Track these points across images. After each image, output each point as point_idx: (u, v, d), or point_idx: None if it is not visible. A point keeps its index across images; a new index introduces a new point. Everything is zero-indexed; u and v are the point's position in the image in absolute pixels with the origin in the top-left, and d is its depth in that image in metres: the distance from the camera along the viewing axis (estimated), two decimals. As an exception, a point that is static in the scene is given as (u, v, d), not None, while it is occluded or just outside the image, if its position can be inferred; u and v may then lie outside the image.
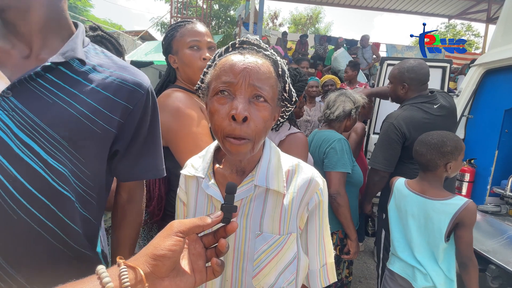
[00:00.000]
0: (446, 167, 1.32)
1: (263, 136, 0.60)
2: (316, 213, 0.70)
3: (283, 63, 0.66)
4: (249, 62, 0.59)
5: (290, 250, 0.66)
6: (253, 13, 6.76)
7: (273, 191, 0.65)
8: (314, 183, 0.68)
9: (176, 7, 10.49)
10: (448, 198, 1.29)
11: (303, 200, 0.67)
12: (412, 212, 1.38)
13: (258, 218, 0.65)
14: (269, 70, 0.61)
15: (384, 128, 1.78)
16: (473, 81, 2.40)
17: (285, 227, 0.65)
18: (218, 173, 0.68)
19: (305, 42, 8.48)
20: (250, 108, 0.58)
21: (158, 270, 0.40)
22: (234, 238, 0.65)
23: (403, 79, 1.81)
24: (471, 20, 11.66)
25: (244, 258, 0.64)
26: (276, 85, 0.63)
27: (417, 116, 1.71)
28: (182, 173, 0.75)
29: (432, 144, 1.35)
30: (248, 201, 0.65)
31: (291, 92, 0.67)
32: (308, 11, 23.93)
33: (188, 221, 0.45)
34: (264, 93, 0.58)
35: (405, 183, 1.46)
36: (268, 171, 0.66)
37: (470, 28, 20.84)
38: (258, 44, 0.65)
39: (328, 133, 1.77)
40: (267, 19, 22.03)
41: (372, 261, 3.03)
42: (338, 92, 1.86)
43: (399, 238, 1.43)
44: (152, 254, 0.41)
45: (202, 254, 0.48)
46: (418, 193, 1.38)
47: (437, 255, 1.29)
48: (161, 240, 0.42)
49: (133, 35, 10.66)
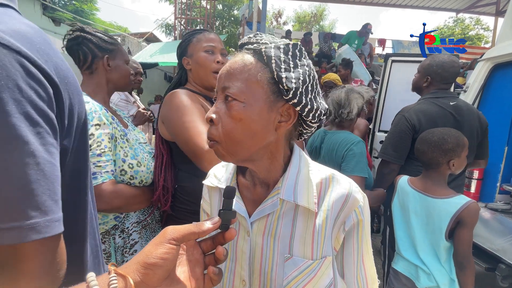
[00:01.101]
0: (449, 164, 1.30)
1: (238, 137, 0.54)
2: (354, 234, 0.59)
3: (276, 47, 0.54)
4: (225, 66, 0.57)
5: (326, 276, 0.58)
6: (257, 12, 6.74)
7: (304, 207, 0.57)
8: (352, 199, 0.58)
9: (180, 8, 10.55)
10: (450, 197, 1.26)
11: (338, 218, 0.58)
12: (414, 210, 1.36)
13: (287, 239, 0.58)
14: (244, 63, 0.55)
15: (396, 120, 1.77)
16: (481, 76, 2.34)
17: (319, 250, 0.57)
18: (242, 185, 0.63)
19: (309, 40, 8.42)
20: (222, 109, 0.55)
21: (148, 279, 0.38)
22: (260, 261, 0.59)
23: (429, 72, 1.77)
24: (480, 14, 11.38)
25: (272, 284, 0.57)
26: (258, 77, 0.54)
27: (430, 110, 1.67)
28: (204, 183, 0.70)
29: (432, 142, 1.32)
30: (276, 219, 0.58)
31: (281, 79, 0.53)
32: (312, 8, 23.78)
33: (183, 228, 0.42)
34: (230, 92, 0.53)
35: (408, 181, 1.44)
36: (297, 184, 0.58)
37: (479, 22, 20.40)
38: (247, 42, 0.60)
39: (344, 135, 1.66)
40: (271, 18, 21.96)
41: (379, 259, 2.99)
42: (345, 89, 1.73)
43: (403, 237, 1.41)
44: (143, 262, 0.39)
45: (200, 261, 0.46)
46: (420, 191, 1.36)
47: (439, 254, 1.27)
48: (153, 248, 0.40)
49: (138, 37, 10.78)
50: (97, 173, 0.96)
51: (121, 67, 1.16)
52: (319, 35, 9.74)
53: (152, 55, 7.19)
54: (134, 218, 1.11)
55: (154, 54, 7.17)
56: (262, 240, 0.59)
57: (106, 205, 0.97)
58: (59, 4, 14.24)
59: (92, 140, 0.97)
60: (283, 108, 0.56)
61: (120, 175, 1.04)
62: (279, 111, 0.56)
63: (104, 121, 1.01)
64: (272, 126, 0.56)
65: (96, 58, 1.10)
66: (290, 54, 0.55)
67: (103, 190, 0.95)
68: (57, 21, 7.80)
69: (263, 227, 0.59)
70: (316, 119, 0.59)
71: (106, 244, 1.06)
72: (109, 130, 1.02)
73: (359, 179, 1.53)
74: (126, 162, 1.06)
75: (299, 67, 0.55)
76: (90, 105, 1.00)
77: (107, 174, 0.98)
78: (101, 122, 1.00)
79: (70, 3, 15.17)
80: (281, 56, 0.54)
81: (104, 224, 1.05)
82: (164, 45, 7.92)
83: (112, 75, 1.14)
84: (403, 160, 1.71)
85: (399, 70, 2.93)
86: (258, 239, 0.59)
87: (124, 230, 1.09)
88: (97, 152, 0.97)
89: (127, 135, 1.12)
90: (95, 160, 0.96)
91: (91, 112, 0.99)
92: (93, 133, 0.97)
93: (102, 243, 1.05)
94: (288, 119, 0.57)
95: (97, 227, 0.63)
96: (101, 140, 0.99)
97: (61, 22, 7.96)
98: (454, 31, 22.81)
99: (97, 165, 0.96)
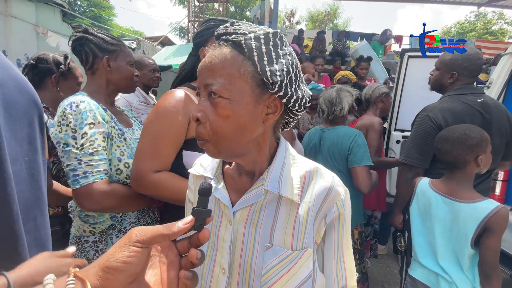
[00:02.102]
0: (477, 161, 1.20)
1: (228, 134, 0.53)
2: (335, 227, 0.60)
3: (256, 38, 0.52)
4: (204, 61, 0.54)
5: (304, 268, 0.57)
6: (268, 12, 6.72)
7: (287, 198, 0.58)
8: (334, 192, 0.59)
9: (193, 11, 10.70)
10: (478, 201, 1.16)
11: (320, 211, 0.59)
12: (436, 215, 1.25)
13: (268, 229, 0.58)
14: (224, 58, 0.52)
15: (419, 120, 1.63)
16: (505, 71, 2.20)
17: (299, 241, 0.58)
18: (228, 175, 0.63)
19: (322, 39, 8.30)
20: (207, 107, 0.53)
21: (109, 284, 0.36)
22: (240, 250, 0.59)
23: (454, 67, 1.63)
24: (502, 8, 10.85)
25: (251, 273, 0.58)
26: (240, 71, 0.52)
27: (457, 108, 1.54)
28: (190, 172, 0.70)
29: (455, 139, 1.22)
30: (258, 209, 0.59)
31: (265, 73, 0.52)
32: (326, 7, 23.49)
33: (151, 229, 0.39)
34: (214, 88, 0.51)
35: (429, 184, 1.33)
36: (282, 176, 0.58)
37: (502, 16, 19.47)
38: (225, 32, 0.56)
39: (344, 129, 1.76)
40: (284, 18, 21.87)
41: (396, 264, 2.88)
42: (336, 88, 1.85)
43: (421, 243, 1.32)
44: (103, 266, 0.36)
45: (175, 263, 0.42)
46: (444, 194, 1.25)
47: (463, 262, 1.18)
48: (116, 250, 0.37)
49: (153, 41, 11.02)
50: (88, 172, 0.94)
51: (122, 68, 1.13)
52: (333, 33, 9.60)
53: (166, 58, 7.32)
54: (132, 218, 1.09)
55: (168, 57, 7.30)
56: (244, 229, 0.59)
57: (96, 205, 0.95)
58: (79, 11, 14.81)
59: (85, 139, 0.95)
60: (269, 100, 0.56)
61: (116, 174, 1.03)
62: (265, 104, 0.55)
63: (98, 119, 0.99)
64: (260, 119, 0.55)
65: (97, 59, 1.09)
66: (271, 44, 0.54)
67: (94, 190, 0.93)
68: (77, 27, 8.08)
69: (245, 216, 0.59)
70: (302, 108, 0.59)
71: (103, 243, 1.04)
72: (104, 129, 1.00)
73: (368, 168, 1.66)
74: (122, 161, 1.04)
75: (282, 57, 0.54)
76: (85, 104, 0.99)
77: (99, 174, 0.96)
78: (95, 121, 0.98)
79: (89, 10, 15.74)
80: (262, 48, 0.53)
81: (100, 224, 1.04)
82: (178, 48, 8.05)
83: (112, 76, 1.12)
84: (429, 163, 1.58)
85: (416, 66, 2.80)
86: (240, 228, 0.59)
87: (121, 230, 1.07)
88: (89, 151, 0.95)
89: (124, 134, 1.10)
90: (86, 159, 0.94)
91: (85, 111, 0.98)
92: (86, 132, 0.96)
93: (100, 242, 1.04)
94: (275, 110, 0.57)
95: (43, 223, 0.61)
96: (95, 139, 0.97)
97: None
98: (476, 26, 21.87)
99: (89, 164, 0.95)
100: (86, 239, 1.05)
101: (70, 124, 0.96)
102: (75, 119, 0.96)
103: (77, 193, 0.95)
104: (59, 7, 7.78)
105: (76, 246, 1.05)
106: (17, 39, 6.69)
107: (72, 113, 0.96)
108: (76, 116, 0.96)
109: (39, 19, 7.19)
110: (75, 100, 0.99)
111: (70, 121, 0.96)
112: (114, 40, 1.14)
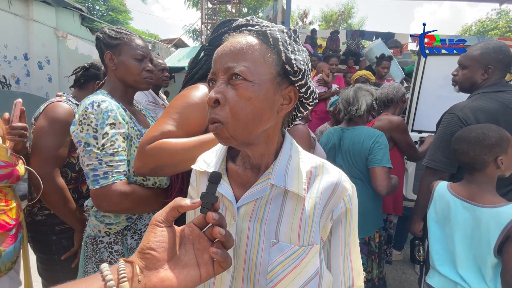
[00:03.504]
0: (497, 162, 1.12)
1: (246, 118, 0.52)
2: (342, 223, 0.59)
3: (280, 30, 0.56)
4: (226, 46, 0.55)
5: (311, 265, 0.56)
6: (281, 12, 6.69)
7: (293, 193, 0.57)
8: (341, 187, 0.58)
9: (207, 14, 10.82)
10: (501, 206, 1.09)
11: (326, 206, 0.58)
12: (456, 220, 1.18)
13: (274, 224, 0.57)
14: (249, 44, 0.54)
15: (446, 120, 1.48)
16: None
17: (306, 237, 0.56)
18: (232, 170, 0.62)
19: (336, 39, 8.18)
20: (227, 90, 0.52)
21: (149, 262, 0.42)
22: (245, 246, 0.57)
23: (488, 62, 1.48)
24: (528, 3, 10.31)
25: (256, 270, 0.56)
26: (264, 58, 0.54)
27: (490, 106, 1.39)
28: (193, 168, 0.69)
29: (472, 139, 1.16)
30: (263, 203, 0.58)
31: (290, 61, 0.54)
32: (340, 7, 23.19)
33: (164, 209, 0.46)
34: (238, 69, 0.51)
35: (448, 187, 1.25)
36: (288, 170, 0.58)
37: (527, 12, 18.58)
38: (245, 24, 0.58)
39: (366, 129, 1.74)
40: (297, 19, 21.75)
41: (412, 271, 2.77)
42: (354, 87, 1.85)
43: (439, 250, 1.25)
44: (140, 249, 0.43)
45: (208, 247, 0.47)
46: (464, 198, 1.18)
47: (485, 271, 1.10)
48: (146, 235, 0.44)
49: (167, 43, 11.23)
50: (108, 173, 0.93)
51: (126, 63, 1.08)
52: (347, 33, 9.45)
53: (179, 59, 7.44)
54: (147, 220, 1.08)
55: (181, 59, 7.42)
56: (249, 225, 0.58)
57: (114, 206, 0.94)
58: (97, 15, 15.28)
59: (106, 139, 0.94)
60: (285, 91, 0.57)
61: (134, 175, 1.02)
62: (282, 94, 0.56)
63: (119, 120, 0.98)
64: (276, 109, 0.56)
65: (104, 56, 1.09)
66: (292, 38, 0.57)
67: (113, 191, 0.92)
68: (94, 31, 8.33)
69: (250, 211, 0.58)
70: (313, 101, 0.62)
71: (118, 244, 1.04)
72: (124, 130, 1.00)
73: (387, 170, 1.63)
74: None
75: (301, 51, 0.57)
76: (107, 104, 0.98)
77: (119, 175, 0.95)
78: (116, 121, 0.97)
79: (106, 14, 16.22)
80: (286, 39, 0.55)
81: (116, 225, 1.04)
82: (191, 49, 8.17)
83: (118, 72, 1.09)
84: (455, 168, 1.44)
85: (435, 64, 2.70)
86: (245, 224, 0.58)
87: (136, 232, 1.07)
88: (110, 151, 0.94)
89: (143, 135, 1.09)
90: (107, 160, 0.94)
91: (107, 111, 0.97)
92: (107, 132, 0.95)
93: (115, 243, 1.04)
94: (289, 102, 0.58)
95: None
96: (115, 139, 0.96)
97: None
98: (498, 24, 20.99)
99: (109, 165, 0.94)
100: (101, 239, 1.04)
101: (91, 124, 0.95)
102: (96, 119, 0.95)
103: (96, 194, 0.94)
104: (78, 11, 8.05)
105: (90, 246, 1.05)
106: (38, 42, 6.97)
107: (93, 113, 0.95)
108: (98, 116, 0.95)
109: (59, 23, 7.47)
110: (97, 99, 0.98)
111: (91, 121, 0.95)
112: (117, 33, 1.09)
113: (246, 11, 16.11)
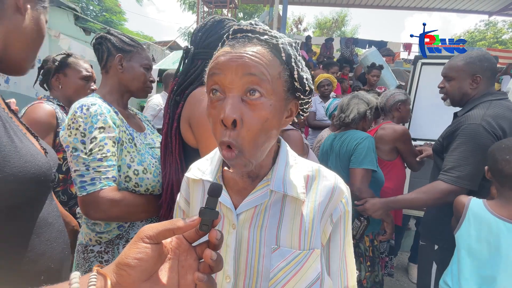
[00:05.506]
0: None
1: (262, 141, 0.50)
2: (340, 226, 0.60)
3: (290, 44, 0.54)
4: (238, 55, 0.48)
5: (313, 269, 0.56)
6: (277, 19, 6.74)
7: (291, 198, 0.57)
8: (338, 190, 0.59)
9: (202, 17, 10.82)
10: None
11: (326, 210, 0.58)
12: (497, 243, 1.08)
13: (274, 230, 0.56)
14: (265, 57, 0.49)
15: (470, 132, 1.33)
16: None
17: (307, 241, 0.56)
18: (228, 177, 0.60)
19: (330, 46, 8.27)
20: (243, 108, 0.48)
21: (123, 280, 0.37)
22: (246, 254, 0.56)
23: (475, 70, 1.44)
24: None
25: (258, 277, 0.55)
26: (279, 74, 0.51)
27: (507, 114, 1.32)
28: (186, 176, 0.66)
29: None
30: (263, 210, 0.57)
31: (302, 80, 0.53)
32: (334, 14, 23.58)
33: (158, 225, 0.40)
34: (261, 86, 0.47)
35: (485, 205, 1.13)
36: (286, 175, 0.58)
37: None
38: (252, 30, 0.53)
39: (352, 132, 1.77)
40: (291, 25, 22.00)
41: (406, 278, 2.77)
42: (350, 95, 1.88)
43: (472, 277, 1.14)
44: (117, 263, 0.38)
45: (194, 267, 0.42)
46: (508, 219, 1.08)
47: None
48: (128, 248, 0.39)
49: (162, 45, 11.16)
50: (96, 179, 0.89)
51: (134, 69, 1.10)
52: (341, 40, 9.57)
53: (174, 62, 7.38)
54: (140, 228, 1.04)
55: (176, 61, 7.36)
56: (249, 232, 0.57)
57: (103, 214, 0.90)
58: (91, 15, 15.12)
59: (94, 143, 0.91)
60: (291, 105, 0.56)
61: (125, 181, 0.98)
62: (287, 109, 0.56)
63: (109, 123, 0.95)
64: (281, 124, 0.55)
65: (110, 57, 1.07)
66: (298, 53, 0.56)
67: (101, 198, 0.88)
68: (88, 31, 8.23)
69: (249, 218, 0.57)
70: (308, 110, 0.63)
71: (109, 254, 1.00)
72: (115, 134, 0.96)
73: (367, 171, 1.61)
74: (132, 168, 0.99)
75: (305, 68, 0.56)
76: (96, 107, 0.94)
77: (107, 181, 0.90)
78: (105, 125, 0.94)
79: (100, 14, 16.07)
80: (297, 55, 0.54)
81: (107, 233, 0.99)
82: (186, 52, 8.12)
83: (123, 76, 1.09)
84: (477, 185, 1.33)
85: (430, 73, 2.74)
86: (244, 232, 0.57)
87: (128, 240, 1.02)
88: (98, 156, 0.90)
89: (134, 140, 1.05)
90: (95, 165, 0.90)
91: (96, 114, 0.93)
92: (95, 136, 0.91)
93: (105, 253, 0.99)
94: (291, 115, 0.58)
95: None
96: (104, 144, 0.92)
97: (92, 32, 8.40)
98: (486, 35, 21.65)
99: (97, 170, 0.90)
100: (92, 248, 1.00)
101: (79, 128, 0.91)
102: (85, 123, 0.92)
103: (83, 201, 0.90)
104: (72, 11, 7.94)
105: (81, 254, 1.01)
106: (29, 42, 6.82)
107: (82, 116, 0.92)
108: (86, 120, 0.92)
109: (52, 22, 7.34)
110: (86, 102, 0.95)
111: (80, 125, 0.91)
112: (133, 42, 1.12)
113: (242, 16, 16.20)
